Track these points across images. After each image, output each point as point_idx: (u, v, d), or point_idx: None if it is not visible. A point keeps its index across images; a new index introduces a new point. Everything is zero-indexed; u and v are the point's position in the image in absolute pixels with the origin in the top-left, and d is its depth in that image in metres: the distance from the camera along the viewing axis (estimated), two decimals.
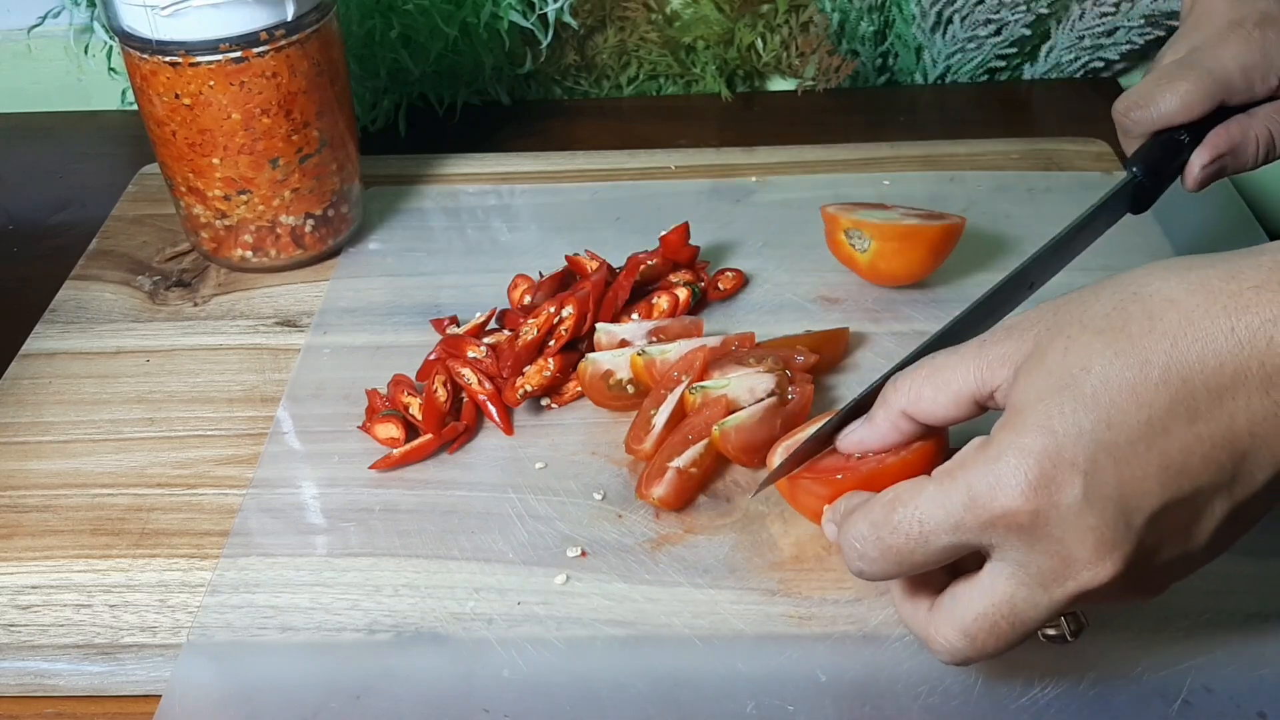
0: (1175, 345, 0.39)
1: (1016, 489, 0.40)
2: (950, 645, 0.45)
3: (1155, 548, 0.41)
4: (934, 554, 0.43)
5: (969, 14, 0.95)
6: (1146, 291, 0.41)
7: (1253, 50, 0.58)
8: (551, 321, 0.68)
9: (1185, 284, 0.40)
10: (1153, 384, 0.39)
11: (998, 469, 0.41)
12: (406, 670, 0.53)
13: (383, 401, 0.66)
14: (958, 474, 0.42)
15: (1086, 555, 0.40)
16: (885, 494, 0.44)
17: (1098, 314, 0.41)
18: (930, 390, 0.46)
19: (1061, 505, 0.40)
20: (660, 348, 0.66)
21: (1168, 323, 0.40)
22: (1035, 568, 0.41)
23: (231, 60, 0.69)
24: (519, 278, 0.74)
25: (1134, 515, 0.40)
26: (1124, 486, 0.40)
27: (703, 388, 0.63)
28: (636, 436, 0.63)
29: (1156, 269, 0.42)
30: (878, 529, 0.44)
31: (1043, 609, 0.42)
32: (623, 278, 0.72)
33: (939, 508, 0.42)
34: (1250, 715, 0.50)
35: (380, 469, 0.63)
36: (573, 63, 0.99)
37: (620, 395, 0.66)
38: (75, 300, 0.77)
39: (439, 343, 0.70)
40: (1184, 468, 0.39)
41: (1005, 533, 0.41)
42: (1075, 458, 0.40)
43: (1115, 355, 0.40)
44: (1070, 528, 0.40)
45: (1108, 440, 0.39)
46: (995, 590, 0.43)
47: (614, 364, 0.66)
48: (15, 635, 0.56)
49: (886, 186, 0.84)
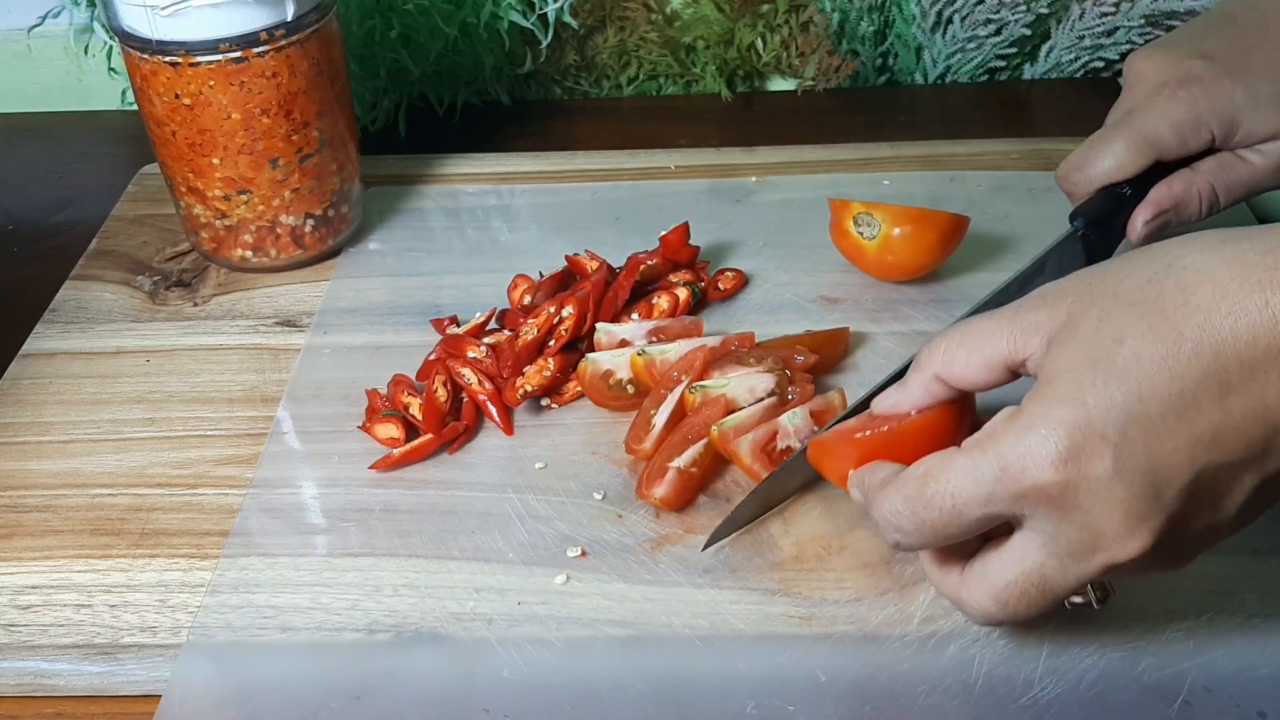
0: (1209, 319, 0.39)
1: (1046, 461, 0.40)
2: (982, 609, 0.45)
3: (1184, 520, 0.41)
4: (967, 526, 0.44)
5: (969, 14, 0.95)
6: (1181, 264, 0.41)
7: (1180, 108, 0.61)
8: (551, 321, 0.68)
9: (1220, 257, 0.40)
10: (1185, 357, 0.39)
11: (1028, 440, 0.41)
12: (406, 670, 0.53)
13: (383, 401, 0.66)
14: (988, 446, 0.42)
15: (1116, 528, 0.41)
16: (916, 468, 0.45)
17: (1131, 286, 0.42)
18: (964, 354, 0.46)
19: (1091, 477, 0.40)
20: (660, 348, 0.66)
21: (1201, 296, 0.40)
22: (1065, 539, 0.42)
23: (231, 60, 0.69)
24: (519, 278, 0.74)
25: (1164, 488, 0.40)
26: (1154, 459, 0.40)
27: (702, 387, 0.63)
28: (636, 436, 0.63)
29: (1191, 241, 0.42)
30: (911, 504, 0.44)
31: (1072, 578, 0.43)
32: (623, 278, 0.72)
33: (970, 481, 0.42)
34: (1250, 715, 0.50)
35: (380, 469, 0.63)
36: (573, 63, 0.99)
37: (620, 395, 0.66)
38: (75, 300, 0.77)
39: (439, 343, 0.70)
40: (1215, 441, 0.40)
41: (1035, 504, 0.41)
42: (1106, 430, 0.40)
43: (1148, 328, 0.40)
44: (1100, 500, 0.40)
45: (1138, 412, 0.40)
46: (1025, 559, 0.43)
47: (614, 364, 0.66)
48: (15, 635, 0.56)
49: (886, 186, 0.84)
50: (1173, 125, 0.61)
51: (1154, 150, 0.61)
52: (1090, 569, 0.42)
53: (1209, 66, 0.61)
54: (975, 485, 0.42)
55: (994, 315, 0.45)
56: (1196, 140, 0.61)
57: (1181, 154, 0.62)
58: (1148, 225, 0.62)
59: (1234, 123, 0.61)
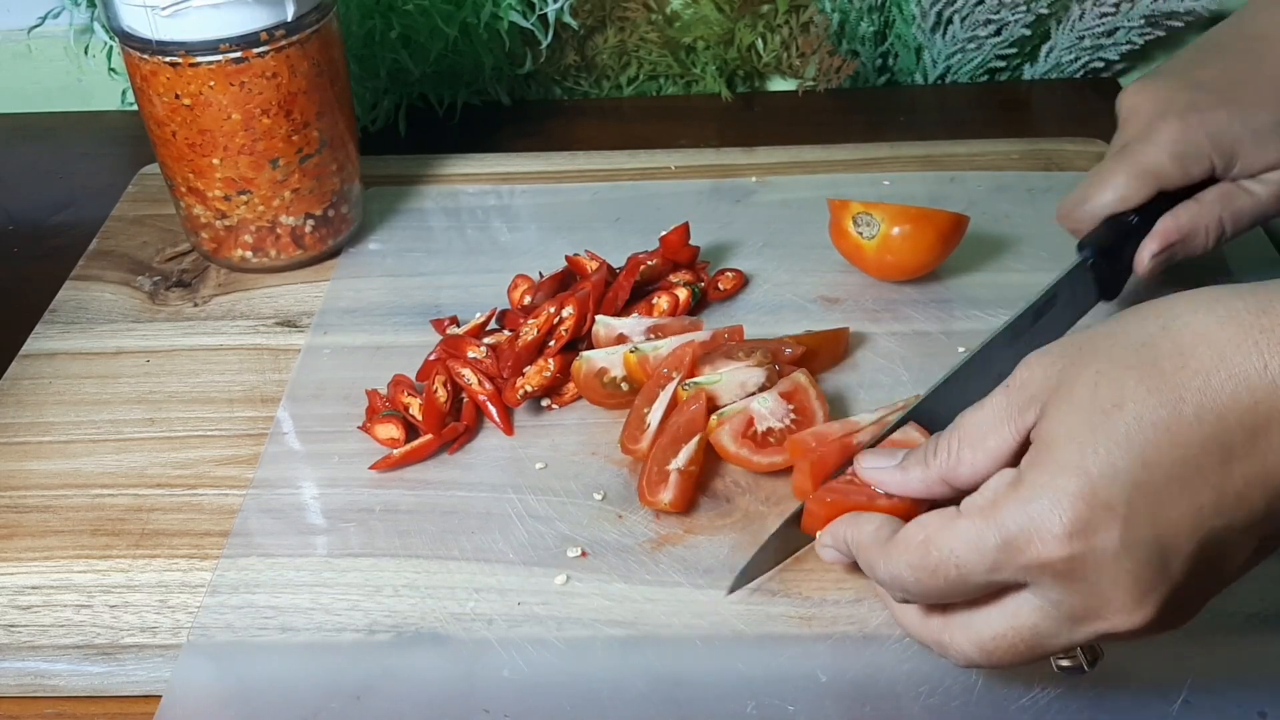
0: (1208, 382, 0.39)
1: (1052, 535, 0.40)
2: (964, 654, 0.45)
3: (1187, 586, 0.40)
4: (973, 590, 0.43)
5: (969, 14, 0.95)
6: (1176, 325, 0.40)
7: (1179, 137, 0.60)
8: (551, 322, 0.68)
9: (1215, 317, 0.40)
10: (1187, 422, 0.39)
11: (1031, 512, 0.40)
12: (407, 670, 0.53)
13: (383, 402, 0.66)
14: (990, 514, 0.41)
15: (1121, 599, 0.40)
16: (915, 532, 0.44)
17: (1127, 348, 0.41)
18: (969, 454, 0.44)
19: (1098, 550, 0.39)
20: (652, 344, 0.66)
21: (1200, 359, 0.39)
22: (1067, 605, 0.41)
23: (231, 60, 0.69)
24: (519, 278, 0.74)
25: (1170, 558, 0.39)
26: (1159, 529, 0.39)
27: (695, 384, 0.63)
28: (632, 436, 0.63)
29: (1182, 300, 0.41)
30: (915, 571, 0.43)
31: (1063, 640, 0.42)
32: (623, 278, 0.72)
33: (974, 551, 0.41)
34: (1250, 715, 0.50)
35: (380, 469, 0.63)
36: (573, 63, 0.99)
37: (614, 393, 0.66)
38: (75, 300, 0.77)
39: (439, 343, 0.70)
40: (1218, 508, 0.39)
41: (1040, 575, 0.41)
42: (1111, 500, 0.39)
43: (1148, 392, 0.39)
44: (1106, 573, 0.40)
45: (1143, 481, 0.39)
46: (1019, 617, 0.42)
47: (608, 362, 0.66)
48: (15, 635, 0.56)
49: (886, 187, 0.84)
50: (1173, 154, 0.60)
51: (1156, 181, 0.61)
52: (1086, 634, 0.42)
53: (1204, 96, 0.60)
54: (979, 556, 0.41)
55: (987, 404, 0.44)
56: (1198, 169, 0.60)
57: (1184, 183, 0.61)
58: (1155, 259, 0.62)
59: (1233, 153, 0.60)
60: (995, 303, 0.72)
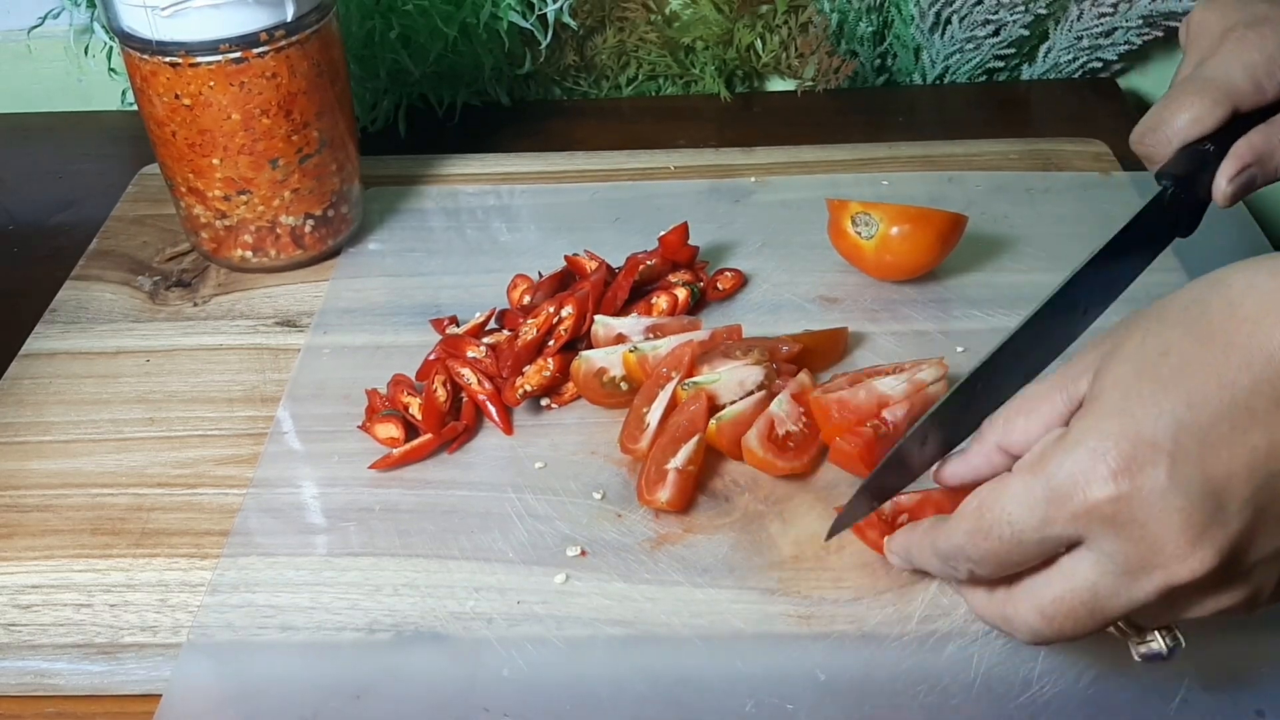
0: (1258, 328, 0.39)
1: (1098, 476, 0.39)
2: (1029, 626, 0.44)
3: (1251, 539, 0.39)
4: (1031, 551, 0.42)
5: (967, 15, 0.95)
6: (1227, 280, 0.40)
7: (1250, 51, 0.58)
8: (551, 321, 0.68)
9: (1266, 272, 0.40)
10: (1235, 366, 0.39)
11: (1076, 456, 0.40)
12: (406, 670, 0.54)
13: (383, 401, 0.66)
14: (1037, 469, 0.41)
15: (1174, 540, 0.39)
16: (971, 500, 0.44)
17: (1176, 308, 0.41)
18: (1022, 420, 0.45)
19: (1145, 489, 0.39)
20: (652, 344, 0.66)
21: (1248, 307, 0.39)
22: (1122, 556, 0.40)
23: (231, 61, 0.69)
24: (518, 278, 0.74)
25: (1226, 500, 0.39)
26: (1210, 468, 0.38)
27: (695, 384, 0.63)
28: (631, 435, 0.63)
29: (1237, 265, 0.41)
30: (972, 537, 0.43)
31: (1123, 599, 0.41)
32: (621, 277, 0.72)
33: (1024, 506, 0.41)
34: (1248, 713, 0.50)
35: (380, 469, 0.63)
36: (572, 63, 0.99)
37: (614, 393, 0.66)
38: (76, 300, 0.77)
39: (438, 343, 0.70)
40: (1272, 451, 0.38)
41: (1090, 523, 0.40)
42: (1156, 437, 0.39)
43: (1195, 340, 0.39)
44: (1155, 511, 0.39)
45: (1190, 420, 0.39)
46: (1075, 575, 0.42)
47: (607, 361, 0.66)
48: (16, 635, 0.56)
49: (885, 187, 0.84)
50: (1245, 68, 0.57)
51: (1230, 99, 0.58)
52: (1146, 589, 0.40)
53: (1274, 8, 0.58)
54: (1029, 510, 0.41)
55: (1044, 380, 0.45)
56: (1272, 84, 0.58)
57: (1259, 101, 0.58)
58: (1232, 182, 0.58)
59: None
60: (993, 302, 0.73)
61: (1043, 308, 0.55)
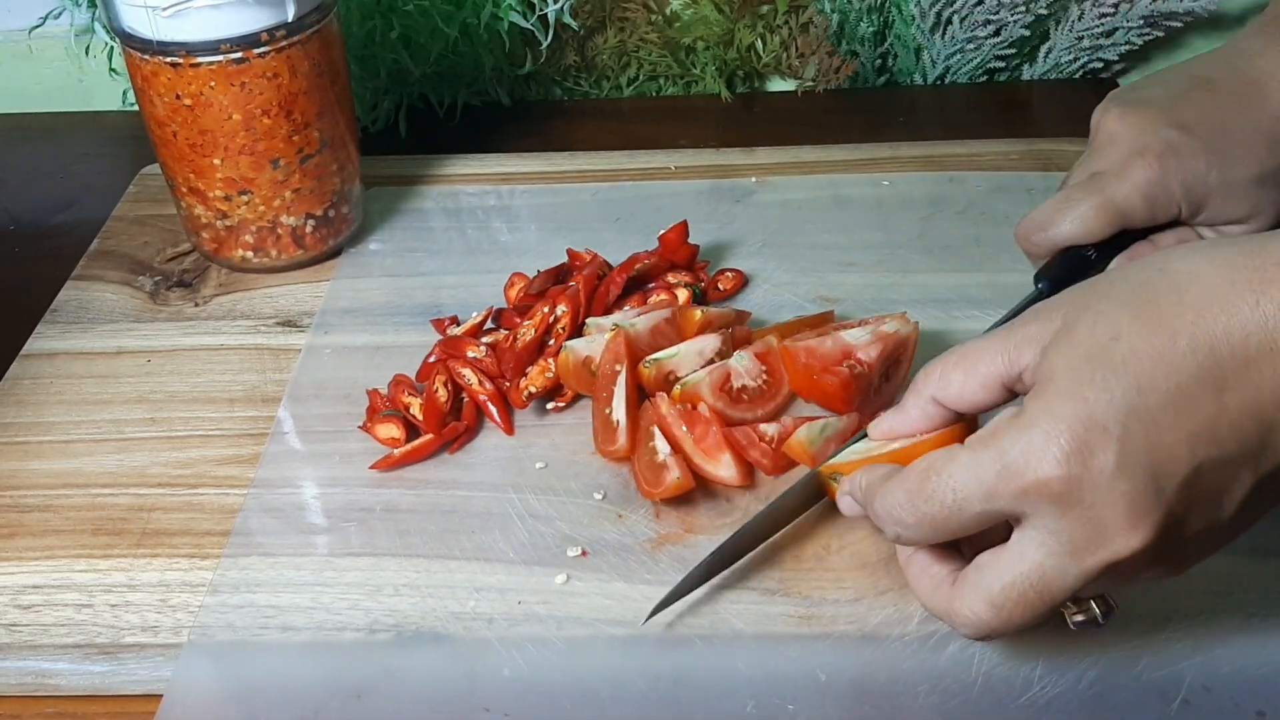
0: (1201, 316, 0.40)
1: (1051, 457, 0.41)
2: (976, 618, 0.45)
3: (1184, 516, 0.41)
4: (968, 521, 0.44)
5: (968, 15, 0.95)
6: (1172, 268, 0.42)
7: (1154, 180, 0.59)
8: (547, 321, 0.68)
9: (1209, 261, 0.42)
10: (1180, 353, 0.40)
11: (1030, 436, 0.41)
12: (407, 670, 0.54)
13: (383, 401, 0.66)
14: (990, 443, 0.43)
15: (1118, 521, 0.41)
16: (919, 463, 0.45)
17: (1124, 290, 0.43)
18: (959, 375, 0.46)
19: (1094, 471, 0.40)
20: (629, 320, 0.66)
21: (1193, 295, 0.41)
22: (1067, 535, 0.42)
23: (232, 61, 0.69)
24: (515, 276, 0.74)
25: (1165, 481, 0.40)
26: (1154, 452, 0.40)
27: (654, 360, 0.64)
28: (605, 439, 0.63)
29: (1180, 249, 0.43)
30: (912, 497, 0.44)
31: (1071, 579, 0.43)
32: (616, 273, 0.72)
33: (972, 477, 0.43)
34: (1249, 714, 0.50)
35: (381, 469, 0.63)
36: (573, 63, 0.99)
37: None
38: (76, 300, 0.77)
39: (437, 344, 0.70)
40: (1212, 436, 0.40)
41: (1038, 500, 0.42)
42: (1107, 423, 0.40)
43: (1143, 325, 0.41)
44: (1103, 494, 0.41)
45: (1139, 406, 0.40)
46: (1024, 558, 0.43)
47: (591, 349, 0.66)
48: (16, 635, 0.56)
49: (886, 187, 0.84)
50: (1144, 196, 0.59)
51: (1122, 219, 0.60)
52: (1091, 567, 0.42)
53: (1187, 140, 0.59)
54: (978, 481, 0.42)
55: (988, 336, 0.46)
56: (1164, 214, 0.60)
57: (1147, 224, 0.60)
58: None
59: (1203, 203, 0.59)
60: (993, 303, 0.73)
61: None
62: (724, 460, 0.61)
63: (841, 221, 0.80)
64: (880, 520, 0.47)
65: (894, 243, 0.78)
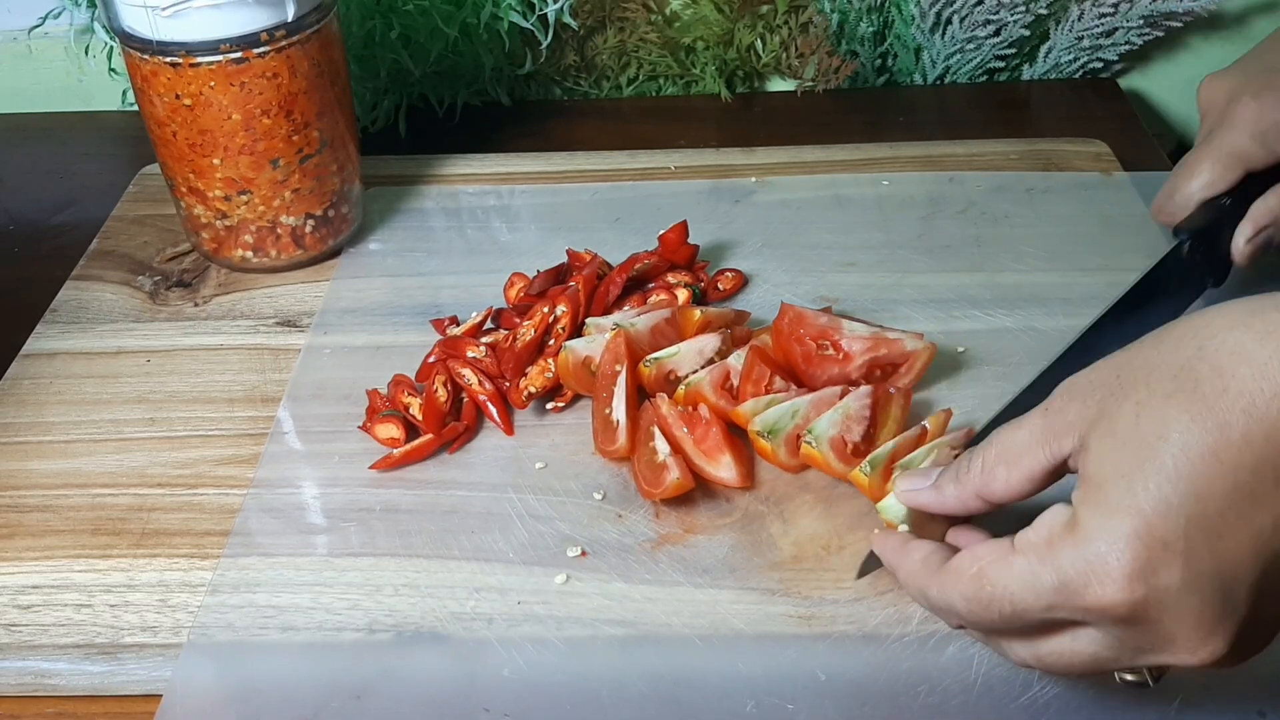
0: (1253, 403, 0.38)
1: (1112, 580, 0.39)
2: (1019, 658, 0.45)
3: (1257, 617, 0.39)
4: (1030, 625, 0.42)
5: (968, 15, 0.95)
6: (1212, 345, 0.39)
7: (1258, 117, 0.61)
8: (547, 321, 0.68)
9: (1252, 334, 0.39)
10: (1235, 447, 0.38)
11: (1089, 555, 0.39)
12: (407, 670, 0.54)
13: (383, 402, 0.66)
14: (1046, 555, 0.41)
15: (1187, 636, 0.39)
16: (969, 564, 0.43)
17: (1164, 376, 0.40)
18: (1004, 471, 0.44)
19: (1160, 589, 0.38)
20: (628, 319, 0.66)
21: (1241, 380, 0.38)
22: (1132, 644, 0.41)
23: (232, 61, 0.69)
24: (515, 276, 0.74)
25: (1234, 588, 0.39)
26: (1220, 560, 0.38)
27: (655, 359, 0.64)
28: (606, 439, 0.63)
29: (1217, 317, 0.40)
30: (970, 604, 0.43)
31: (1125, 664, 0.42)
32: (615, 273, 0.72)
33: (1029, 591, 0.41)
34: (1249, 714, 0.50)
35: (380, 469, 0.63)
36: (573, 63, 0.99)
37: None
38: (76, 300, 0.77)
39: (436, 344, 0.70)
40: (1274, 531, 0.38)
41: (1100, 617, 0.40)
42: (1168, 537, 0.38)
43: (1191, 420, 0.38)
44: (1170, 611, 0.39)
45: (1198, 514, 0.38)
46: (1078, 643, 0.42)
47: (591, 350, 0.66)
48: (16, 635, 0.56)
49: (886, 186, 0.84)
50: (1254, 133, 0.60)
51: (1241, 162, 0.61)
52: (1150, 664, 0.41)
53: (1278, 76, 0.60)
54: (1035, 595, 0.41)
55: (1023, 423, 0.44)
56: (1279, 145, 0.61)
57: (1269, 161, 0.61)
58: (1250, 243, 0.62)
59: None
60: (994, 303, 0.73)
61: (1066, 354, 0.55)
62: (724, 461, 0.61)
63: (841, 221, 0.80)
64: (936, 613, 0.46)
65: (894, 243, 0.78)
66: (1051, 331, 0.70)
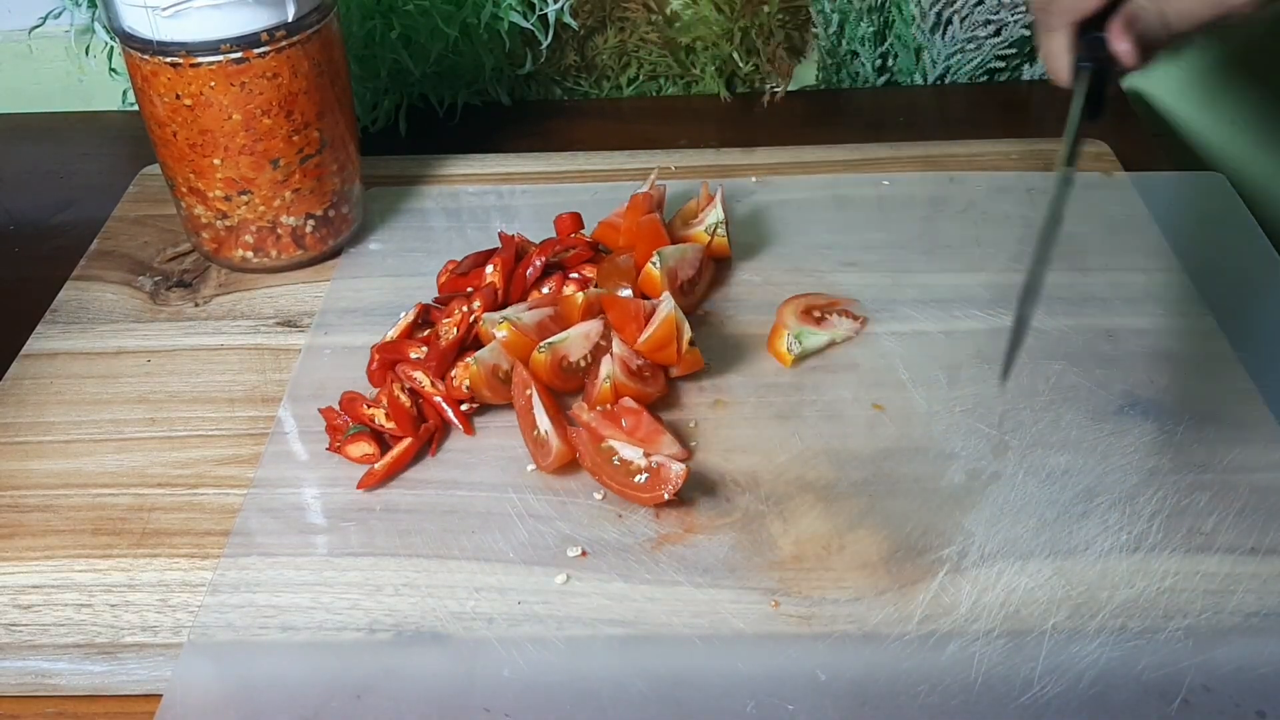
0: None
1: None
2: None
3: None
4: None
5: (968, 15, 0.95)
6: None
7: None
8: (468, 320, 0.68)
9: None
10: None
11: None
12: (407, 669, 0.54)
13: (342, 420, 0.65)
14: None
15: None
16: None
17: None
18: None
19: None
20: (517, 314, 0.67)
21: None
22: None
23: (232, 61, 0.69)
24: (450, 263, 0.75)
25: None
26: None
27: (549, 344, 0.65)
28: (540, 456, 0.63)
29: None
30: None
31: None
32: (533, 254, 0.72)
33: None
34: (1249, 714, 0.50)
35: (367, 487, 0.62)
36: (573, 63, 0.99)
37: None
38: (76, 300, 0.77)
39: (373, 348, 0.69)
40: None
41: None
42: None
43: None
44: None
45: None
46: None
47: (495, 358, 0.66)
48: (16, 635, 0.56)
49: (886, 187, 0.84)
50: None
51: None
52: None
53: None
54: None
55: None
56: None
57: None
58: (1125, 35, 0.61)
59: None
60: (995, 303, 0.73)
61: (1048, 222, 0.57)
62: (665, 440, 0.62)
63: (841, 221, 0.80)
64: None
65: (894, 243, 0.78)
66: (1052, 331, 0.70)
